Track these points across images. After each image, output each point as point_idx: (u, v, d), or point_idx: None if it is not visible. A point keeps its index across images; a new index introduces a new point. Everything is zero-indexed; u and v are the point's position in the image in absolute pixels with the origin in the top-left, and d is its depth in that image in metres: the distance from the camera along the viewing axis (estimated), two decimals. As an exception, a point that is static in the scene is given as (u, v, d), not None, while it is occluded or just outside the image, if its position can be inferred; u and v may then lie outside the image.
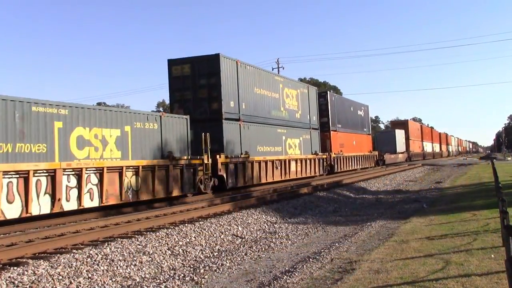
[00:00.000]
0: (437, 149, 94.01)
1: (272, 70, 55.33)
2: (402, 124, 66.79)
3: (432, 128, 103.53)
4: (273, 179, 25.18)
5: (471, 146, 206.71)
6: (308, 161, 30.04)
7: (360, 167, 41.36)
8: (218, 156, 20.08)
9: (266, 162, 24.50)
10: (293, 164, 27.64)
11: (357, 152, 41.03)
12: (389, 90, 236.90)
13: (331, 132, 34.89)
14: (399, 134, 59.45)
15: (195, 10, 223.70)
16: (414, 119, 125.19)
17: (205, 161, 19.12)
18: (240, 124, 22.64)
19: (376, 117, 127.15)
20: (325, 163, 33.05)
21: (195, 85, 21.69)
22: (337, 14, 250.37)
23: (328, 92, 36.88)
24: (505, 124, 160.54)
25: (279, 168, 25.78)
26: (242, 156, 22.22)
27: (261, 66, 28.84)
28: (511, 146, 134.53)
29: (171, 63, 22.29)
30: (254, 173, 23.28)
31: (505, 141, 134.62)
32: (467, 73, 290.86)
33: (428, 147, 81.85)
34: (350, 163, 38.63)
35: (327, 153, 33.42)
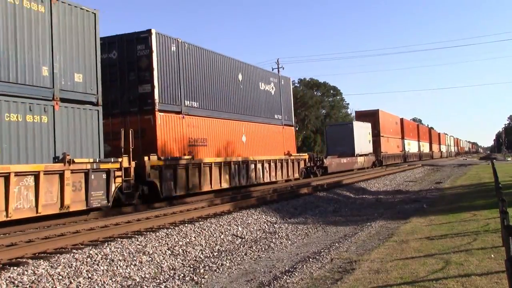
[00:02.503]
0: (426, 149, 79.15)
1: (272, 70, 53.30)
2: (371, 116, 47.96)
3: (418, 123, 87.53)
4: None
5: (470, 146, 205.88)
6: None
7: (269, 179, 24.56)
8: None
9: None
10: None
11: (257, 154, 23.59)
12: (389, 90, 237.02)
13: (159, 114, 17.31)
14: (362, 128, 43.26)
15: (195, 9, 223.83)
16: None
17: None
18: None
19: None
20: (113, 182, 14.17)
21: None
22: (337, 14, 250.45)
23: (153, 32, 17.39)
24: (505, 124, 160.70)
25: None
26: None
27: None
28: (511, 146, 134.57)
29: None
30: None
31: (505, 142, 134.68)
32: (467, 73, 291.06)
33: (412, 146, 66.74)
34: (217, 178, 20.01)
35: (127, 159, 14.85)
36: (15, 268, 7.88)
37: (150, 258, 9.47)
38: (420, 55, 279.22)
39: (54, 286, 7.53)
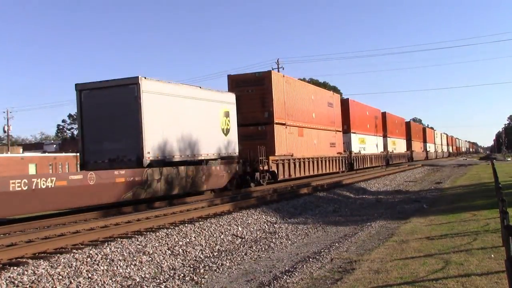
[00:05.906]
0: (401, 149, 57.99)
1: (272, 70, 54.19)
2: (255, 83, 24.64)
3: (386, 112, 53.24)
4: None
5: (468, 146, 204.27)
6: None
7: None
8: None
9: None
10: None
11: None
12: (389, 91, 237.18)
13: None
14: (194, 101, 18.90)
15: (195, 10, 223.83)
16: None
17: None
18: None
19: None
20: None
21: None
22: (338, 14, 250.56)
23: None
24: (505, 124, 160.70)
25: None
26: None
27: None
28: (511, 146, 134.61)
29: None
30: None
31: (505, 142, 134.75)
32: (467, 73, 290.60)
33: (371, 145, 45.01)
34: None
35: None
36: (15, 268, 7.87)
37: (150, 258, 9.47)
38: (420, 55, 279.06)
39: (54, 286, 7.53)
